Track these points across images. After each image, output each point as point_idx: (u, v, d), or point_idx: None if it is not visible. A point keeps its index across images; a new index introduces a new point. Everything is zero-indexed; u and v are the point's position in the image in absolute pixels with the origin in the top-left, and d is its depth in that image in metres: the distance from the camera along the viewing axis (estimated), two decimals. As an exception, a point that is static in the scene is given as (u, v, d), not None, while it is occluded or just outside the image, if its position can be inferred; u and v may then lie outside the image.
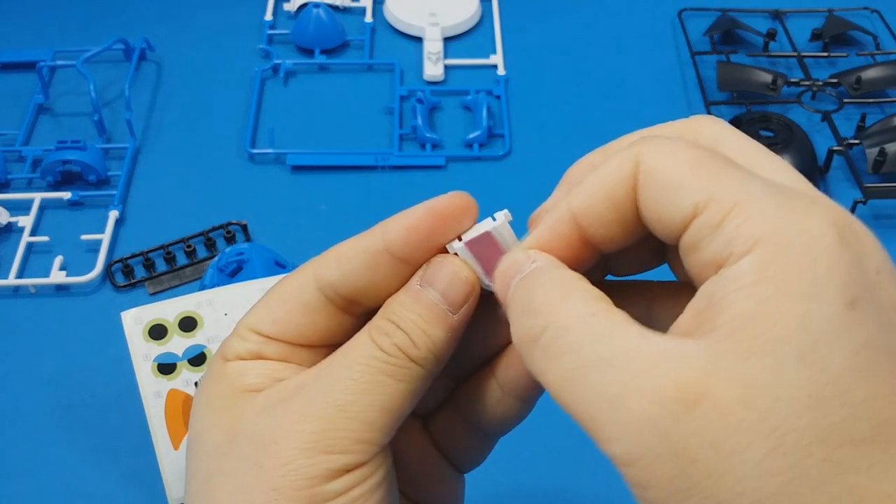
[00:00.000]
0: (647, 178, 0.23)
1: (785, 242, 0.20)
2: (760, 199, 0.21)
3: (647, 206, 0.23)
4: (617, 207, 0.24)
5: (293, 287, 0.28)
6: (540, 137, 0.67)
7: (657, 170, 0.23)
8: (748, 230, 0.20)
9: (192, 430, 0.27)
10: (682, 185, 0.22)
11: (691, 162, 0.22)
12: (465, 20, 0.76)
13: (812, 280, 0.20)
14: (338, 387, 0.25)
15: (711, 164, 0.22)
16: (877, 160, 0.61)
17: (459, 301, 0.26)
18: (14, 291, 0.57)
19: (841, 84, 0.68)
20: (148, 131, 0.67)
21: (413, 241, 0.27)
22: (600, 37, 0.76)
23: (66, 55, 0.71)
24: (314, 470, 0.24)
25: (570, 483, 0.47)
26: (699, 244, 0.21)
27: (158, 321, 0.47)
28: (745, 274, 0.20)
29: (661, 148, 0.23)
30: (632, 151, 0.23)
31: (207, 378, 0.28)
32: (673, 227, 0.22)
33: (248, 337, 0.27)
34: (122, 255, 0.58)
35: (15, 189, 0.63)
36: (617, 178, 0.23)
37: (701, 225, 0.21)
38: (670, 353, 0.20)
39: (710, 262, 0.21)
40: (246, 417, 0.26)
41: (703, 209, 0.21)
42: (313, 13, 0.73)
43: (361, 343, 0.26)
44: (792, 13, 0.77)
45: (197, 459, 0.27)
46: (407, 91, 0.70)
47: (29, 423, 0.50)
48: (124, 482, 0.47)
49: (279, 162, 0.65)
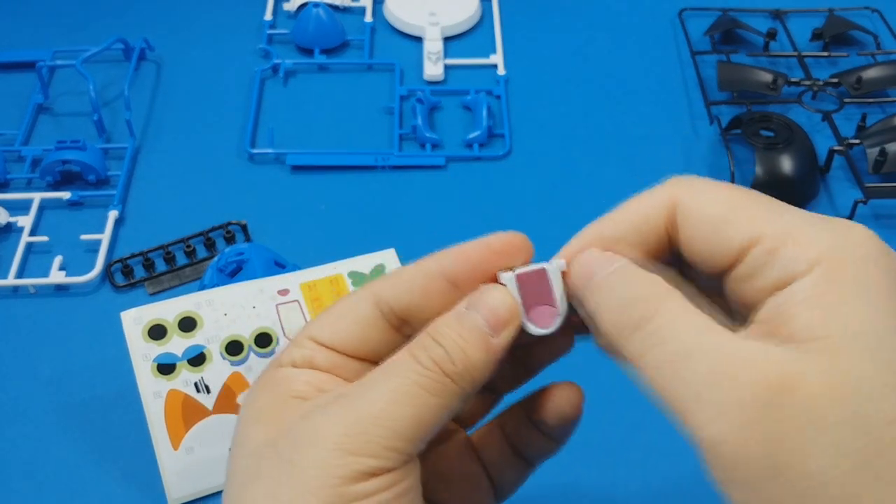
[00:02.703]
0: (688, 217, 0.26)
1: (839, 260, 0.24)
2: (806, 228, 0.25)
3: (691, 241, 0.26)
4: (645, 238, 0.27)
5: (352, 301, 0.30)
6: (540, 137, 0.67)
7: (698, 209, 0.26)
8: (805, 255, 0.24)
9: (237, 434, 0.29)
10: (727, 222, 0.26)
11: (729, 200, 0.26)
12: (465, 20, 0.76)
13: (868, 287, 0.23)
14: (374, 395, 0.27)
15: (748, 200, 0.26)
16: (877, 160, 0.61)
17: (500, 326, 0.28)
18: (13, 291, 0.57)
19: (841, 84, 0.68)
20: (147, 131, 0.67)
21: (466, 268, 0.29)
22: (600, 36, 0.76)
23: (65, 55, 0.71)
24: (344, 470, 0.26)
25: (570, 478, 0.47)
26: (757, 272, 0.25)
27: (158, 321, 0.47)
28: (809, 288, 0.24)
29: (699, 187, 0.27)
30: (665, 190, 0.27)
31: (259, 385, 0.30)
32: (722, 260, 0.26)
33: (304, 344, 0.30)
34: (121, 255, 0.58)
35: (14, 189, 0.63)
36: (649, 214, 0.27)
37: (757, 255, 0.25)
38: (760, 351, 0.23)
39: (770, 287, 0.25)
40: (288, 421, 0.27)
41: (757, 242, 0.25)
42: (313, 13, 0.73)
43: (401, 356, 0.28)
44: (792, 13, 0.77)
45: (237, 461, 0.28)
46: (407, 91, 0.70)
47: (28, 423, 0.50)
48: (123, 482, 0.47)
49: (279, 162, 0.65)
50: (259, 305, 0.48)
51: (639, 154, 0.65)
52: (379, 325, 0.29)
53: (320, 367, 0.29)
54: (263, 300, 0.49)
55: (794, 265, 0.24)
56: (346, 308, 0.30)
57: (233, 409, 0.47)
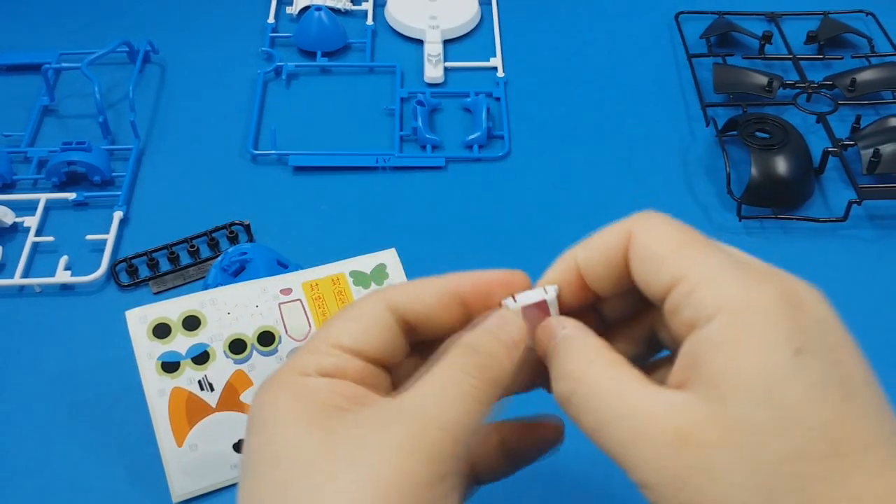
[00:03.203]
0: (635, 251, 0.30)
1: (739, 310, 0.27)
2: (720, 276, 0.27)
3: (636, 272, 0.30)
4: (609, 265, 0.31)
5: (366, 307, 0.32)
6: (539, 139, 0.67)
7: (644, 245, 0.29)
8: (712, 301, 0.27)
9: (269, 441, 0.29)
10: (663, 260, 0.29)
11: (671, 240, 0.29)
12: (464, 23, 0.77)
13: (762, 338, 0.26)
14: (435, 405, 0.29)
15: (687, 241, 0.29)
16: (871, 161, 0.61)
17: (518, 345, 0.31)
18: (20, 291, 0.57)
19: (836, 86, 0.69)
20: (152, 132, 0.68)
21: (478, 290, 0.32)
22: (598, 39, 0.76)
23: (70, 57, 0.72)
24: (422, 477, 0.27)
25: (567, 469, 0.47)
26: (677, 309, 0.28)
27: (162, 320, 0.48)
28: (713, 335, 0.27)
29: (650, 224, 0.30)
30: (626, 224, 0.30)
31: (283, 390, 0.30)
32: (657, 293, 0.29)
33: (330, 352, 0.31)
34: (126, 254, 0.59)
35: (20, 190, 0.63)
36: (613, 243, 0.30)
37: (677, 295, 0.28)
38: (666, 405, 0.27)
39: (687, 324, 0.28)
40: (342, 431, 0.28)
41: (678, 282, 0.28)
42: (315, 16, 0.74)
43: (448, 368, 0.30)
44: (787, 16, 0.78)
45: (276, 468, 0.28)
46: (407, 93, 0.70)
47: (34, 421, 0.50)
48: (128, 479, 0.48)
49: (281, 163, 0.65)
50: (262, 304, 0.49)
51: (636, 155, 0.66)
52: (392, 329, 0.32)
53: (351, 377, 0.30)
54: (266, 299, 0.49)
55: (702, 309, 0.27)
56: (363, 313, 0.32)
57: (236, 406, 0.47)
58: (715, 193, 0.63)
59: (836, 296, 0.56)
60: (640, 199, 0.62)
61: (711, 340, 0.27)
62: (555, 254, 0.59)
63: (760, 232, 0.60)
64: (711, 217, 0.61)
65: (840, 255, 0.59)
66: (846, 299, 0.55)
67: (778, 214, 0.61)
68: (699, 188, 0.63)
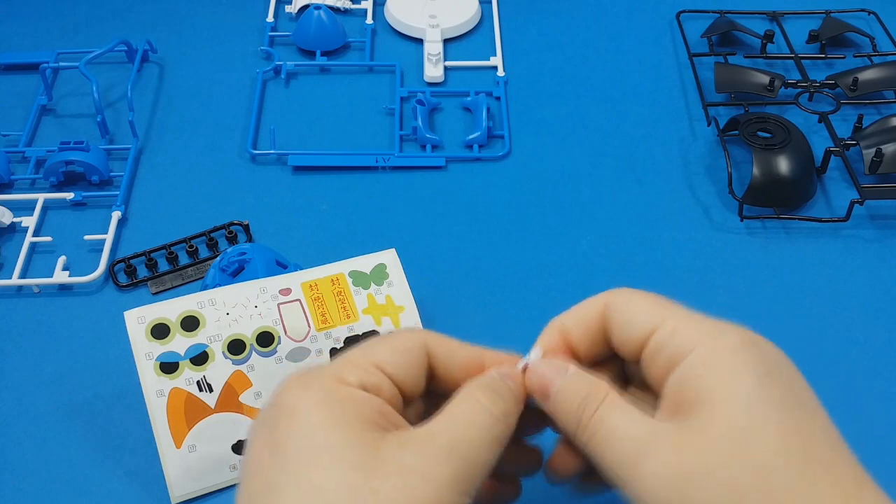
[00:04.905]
0: (614, 310, 0.36)
1: (713, 345, 0.33)
2: (693, 320, 0.34)
3: (615, 328, 0.36)
4: (588, 330, 0.37)
5: (409, 340, 0.36)
6: (539, 138, 0.67)
7: (623, 303, 0.36)
8: (690, 338, 0.33)
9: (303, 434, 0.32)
10: (643, 312, 0.35)
11: (646, 299, 0.36)
12: (464, 22, 0.76)
13: (735, 366, 0.32)
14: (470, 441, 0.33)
15: (658, 300, 0.36)
16: (874, 161, 0.61)
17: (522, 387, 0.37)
18: (17, 291, 0.57)
19: (838, 85, 0.69)
20: (150, 132, 0.68)
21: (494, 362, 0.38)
22: (599, 39, 0.76)
23: (68, 57, 0.71)
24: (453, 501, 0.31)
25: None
26: (660, 349, 0.34)
27: (161, 320, 0.48)
28: (694, 368, 0.32)
29: (624, 295, 0.36)
30: (603, 296, 0.37)
31: (321, 393, 0.33)
32: (636, 340, 0.35)
33: (372, 371, 0.34)
34: (124, 255, 0.58)
35: (18, 190, 0.63)
36: (590, 310, 0.37)
37: (660, 336, 0.34)
38: (657, 438, 0.32)
39: (669, 361, 0.33)
40: (387, 452, 0.31)
41: (659, 327, 0.34)
42: (314, 15, 0.73)
43: (479, 409, 0.34)
44: (789, 15, 0.78)
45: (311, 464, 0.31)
46: (407, 92, 0.70)
47: (32, 422, 0.50)
48: (127, 480, 0.47)
49: (280, 163, 0.65)
50: (261, 305, 0.49)
51: (637, 155, 0.66)
52: (423, 371, 0.36)
53: (386, 398, 0.34)
54: (265, 300, 0.49)
55: (683, 345, 0.33)
56: (406, 346, 0.36)
57: (235, 407, 0.47)
58: (716, 193, 0.63)
59: (838, 296, 0.57)
60: (640, 199, 0.62)
61: (693, 373, 0.32)
62: (554, 254, 0.59)
63: (762, 232, 0.60)
64: (713, 217, 0.61)
65: (842, 255, 0.59)
66: (848, 299, 0.56)
67: (779, 214, 0.60)
68: (700, 188, 0.63)
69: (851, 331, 0.54)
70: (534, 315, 0.54)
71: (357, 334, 0.50)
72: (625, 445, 0.32)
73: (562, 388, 0.35)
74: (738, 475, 0.30)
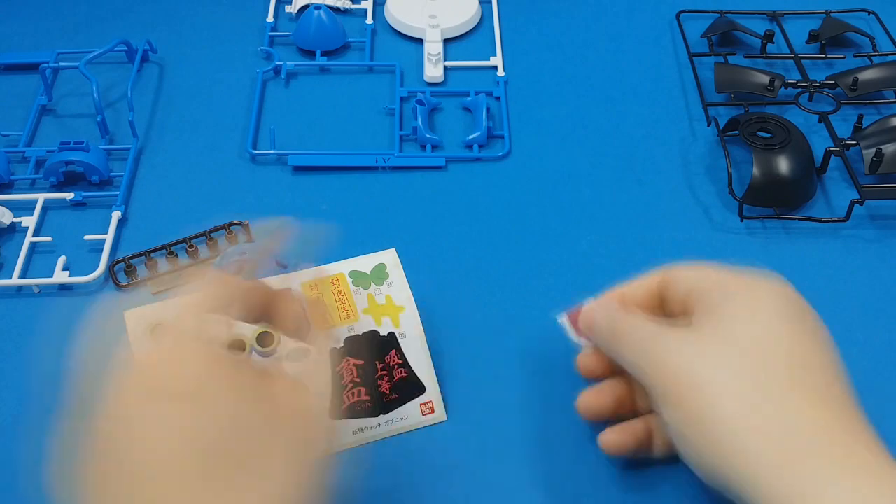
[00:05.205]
0: (669, 282, 0.45)
1: (752, 286, 0.42)
2: (733, 276, 0.43)
3: (669, 292, 0.45)
4: (646, 292, 0.46)
5: None
6: (539, 138, 0.67)
7: (679, 268, 0.45)
8: (731, 288, 0.42)
9: None
10: (696, 268, 0.44)
11: (693, 269, 0.44)
12: (464, 22, 0.76)
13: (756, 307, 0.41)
14: None
15: (701, 268, 0.44)
16: (874, 161, 0.61)
17: None
18: (17, 291, 0.57)
19: (838, 85, 0.69)
20: (150, 132, 0.68)
21: None
22: (599, 39, 0.76)
23: (68, 57, 0.71)
24: None
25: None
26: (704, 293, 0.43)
27: (161, 321, 0.48)
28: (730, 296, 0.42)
29: (678, 267, 0.45)
30: (661, 270, 0.46)
31: None
32: (685, 291, 0.44)
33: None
34: (124, 254, 0.58)
35: (18, 190, 0.63)
36: (648, 278, 0.46)
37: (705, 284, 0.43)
38: (680, 342, 0.41)
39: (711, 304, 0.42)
40: None
41: (706, 278, 0.43)
42: (314, 15, 0.74)
43: None
44: (789, 15, 0.78)
45: None
46: (407, 92, 0.70)
47: (32, 422, 0.50)
48: (127, 480, 0.47)
49: (280, 163, 0.65)
50: (261, 305, 0.49)
51: (637, 155, 0.66)
52: None
53: None
54: (265, 299, 0.49)
55: (728, 292, 0.42)
56: None
57: (235, 407, 0.47)
58: (716, 193, 0.63)
59: (838, 296, 0.57)
60: (640, 199, 0.62)
61: (727, 293, 0.42)
62: (554, 254, 0.59)
63: (762, 232, 0.60)
64: (713, 217, 0.61)
65: (842, 255, 0.59)
66: (848, 299, 0.56)
67: (780, 214, 0.60)
68: (700, 188, 0.63)
69: (851, 331, 0.54)
70: (534, 315, 0.54)
71: (357, 334, 0.50)
72: (644, 333, 0.42)
73: (598, 312, 0.45)
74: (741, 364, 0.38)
